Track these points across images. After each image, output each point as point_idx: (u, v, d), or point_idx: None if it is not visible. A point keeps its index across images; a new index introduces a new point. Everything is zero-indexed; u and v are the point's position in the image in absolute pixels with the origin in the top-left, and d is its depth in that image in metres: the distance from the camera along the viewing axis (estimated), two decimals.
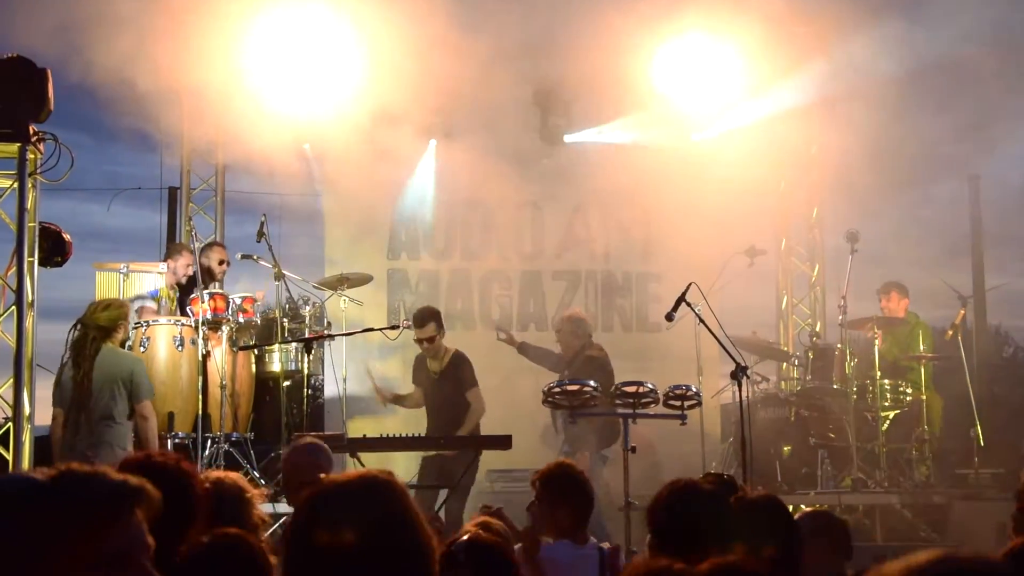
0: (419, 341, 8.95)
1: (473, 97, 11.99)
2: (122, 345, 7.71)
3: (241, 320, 8.91)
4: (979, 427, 10.17)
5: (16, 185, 7.29)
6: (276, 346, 9.40)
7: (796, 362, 10.84)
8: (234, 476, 3.71)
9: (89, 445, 7.13)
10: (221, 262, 10.04)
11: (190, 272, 9.45)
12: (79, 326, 7.49)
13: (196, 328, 8.53)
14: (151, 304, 9.26)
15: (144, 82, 9.99)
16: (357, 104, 11.46)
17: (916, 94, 10.68)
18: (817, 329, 11.85)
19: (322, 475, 4.56)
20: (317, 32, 11.17)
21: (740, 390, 7.59)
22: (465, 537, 3.55)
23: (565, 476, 4.98)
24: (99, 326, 7.48)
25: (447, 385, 8.91)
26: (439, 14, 9.89)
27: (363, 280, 9.99)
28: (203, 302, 8.58)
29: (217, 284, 9.93)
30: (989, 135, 12.10)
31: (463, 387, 8.93)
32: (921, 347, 10.27)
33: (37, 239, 7.56)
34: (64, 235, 8.06)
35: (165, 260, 9.72)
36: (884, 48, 10.85)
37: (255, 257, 9.54)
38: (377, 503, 2.23)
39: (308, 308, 9.65)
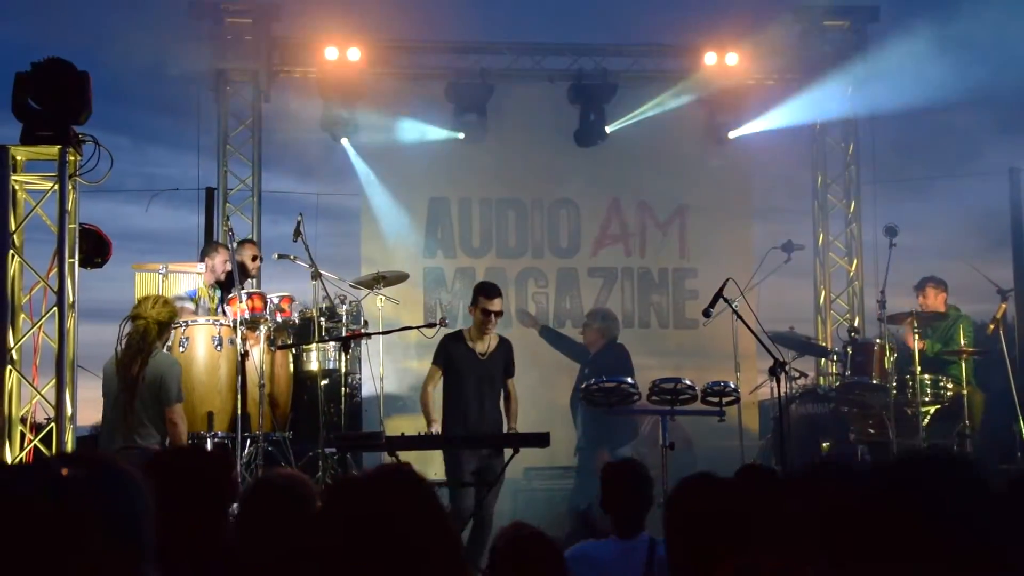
0: (488, 314, 8.30)
1: (509, 93, 12.03)
2: (163, 346, 7.70)
3: (279, 320, 8.95)
4: (1022, 422, 10.05)
5: (57, 187, 7.35)
6: (314, 345, 9.43)
7: (835, 357, 10.76)
8: (303, 477, 3.69)
9: (124, 446, 7.16)
10: (254, 258, 10.08)
11: (228, 268, 9.47)
12: (136, 319, 7.36)
13: (234, 328, 8.58)
14: (189, 304, 9.32)
15: (181, 82, 10.09)
16: (394, 102, 11.52)
17: (955, 85, 10.56)
18: (856, 324, 11.76)
19: None
20: (351, 29, 11.24)
21: (778, 386, 7.55)
22: (511, 533, 3.57)
23: (618, 474, 5.04)
24: (158, 321, 7.37)
25: (493, 368, 8.39)
26: (475, 9, 9.91)
27: (399, 278, 10.01)
28: (241, 302, 8.63)
29: (252, 281, 9.98)
30: None
31: (510, 372, 8.47)
32: (962, 341, 10.16)
33: (77, 240, 7.62)
34: (104, 236, 8.12)
35: (202, 259, 9.76)
36: (920, 39, 10.76)
37: (292, 257, 9.57)
38: (392, 495, 2.23)
39: (344, 307, 9.68)
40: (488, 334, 8.40)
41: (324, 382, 9.32)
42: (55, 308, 7.34)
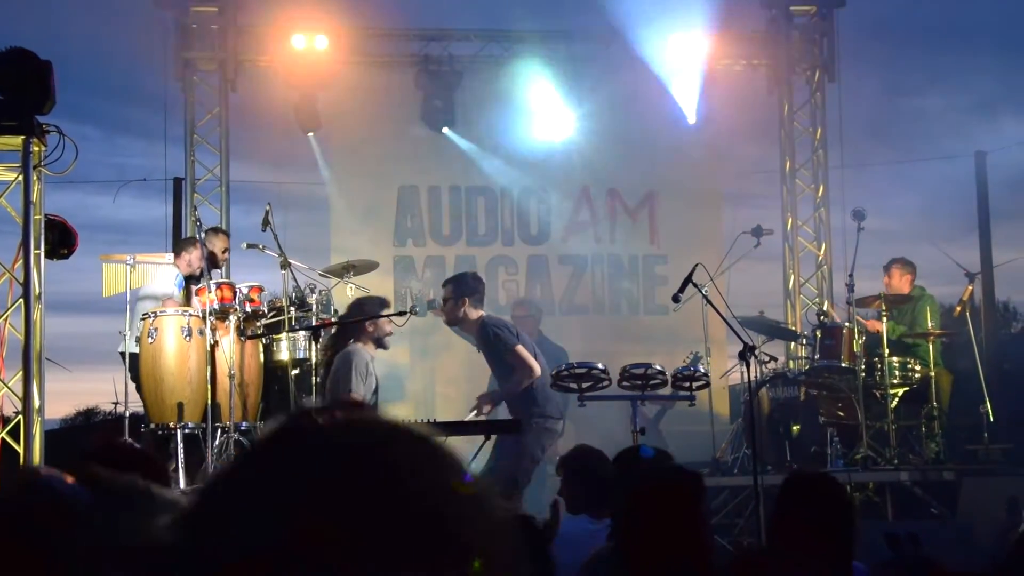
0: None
1: (478, 82, 12.02)
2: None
3: (248, 309, 8.90)
4: (988, 403, 10.14)
5: (21, 178, 7.29)
6: (284, 335, 9.38)
7: (804, 341, 10.82)
8: None
9: None
10: (224, 250, 9.99)
11: (203, 266, 9.45)
12: None
13: (204, 318, 8.53)
14: (179, 295, 9.22)
15: (148, 72, 10.00)
16: (361, 91, 11.48)
17: (923, 70, 10.65)
18: (824, 308, 11.82)
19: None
20: (318, 17, 11.19)
21: (748, 370, 7.59)
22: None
23: (578, 458, 5.26)
24: None
25: None
26: None
27: (369, 267, 9.99)
28: (210, 292, 8.58)
29: (220, 271, 9.92)
30: (997, 110, 12.09)
31: None
32: (928, 323, 10.23)
33: (43, 231, 7.56)
34: (70, 227, 8.06)
35: (179, 253, 9.63)
36: (891, 23, 10.82)
37: (260, 246, 9.52)
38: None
39: (314, 296, 9.64)
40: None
41: (295, 372, 9.29)
42: (21, 300, 7.30)
